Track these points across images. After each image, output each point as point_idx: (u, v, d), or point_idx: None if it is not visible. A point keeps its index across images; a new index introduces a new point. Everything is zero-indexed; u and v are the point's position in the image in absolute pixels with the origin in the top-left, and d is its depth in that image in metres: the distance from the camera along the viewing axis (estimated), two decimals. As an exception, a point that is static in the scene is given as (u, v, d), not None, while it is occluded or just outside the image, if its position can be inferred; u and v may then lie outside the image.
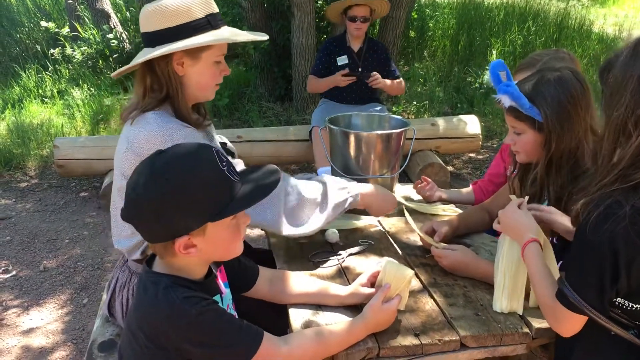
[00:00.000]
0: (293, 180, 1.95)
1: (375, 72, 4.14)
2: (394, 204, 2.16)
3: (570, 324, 1.40)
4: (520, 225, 1.61)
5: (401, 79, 4.38)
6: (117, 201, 1.94)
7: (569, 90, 1.76)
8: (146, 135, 1.77)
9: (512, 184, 2.05)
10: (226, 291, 1.56)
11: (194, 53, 1.83)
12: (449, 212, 2.36)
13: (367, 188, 2.08)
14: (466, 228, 2.13)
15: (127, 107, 1.91)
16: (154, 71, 1.84)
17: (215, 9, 1.87)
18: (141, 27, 1.88)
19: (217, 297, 1.46)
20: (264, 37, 1.97)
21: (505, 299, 1.64)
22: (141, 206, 1.28)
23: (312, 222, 1.92)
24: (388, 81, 4.24)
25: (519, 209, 1.65)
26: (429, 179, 2.47)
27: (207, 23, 1.83)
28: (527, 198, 1.71)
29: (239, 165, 1.86)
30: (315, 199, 1.93)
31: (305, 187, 1.94)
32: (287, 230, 1.89)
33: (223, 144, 2.18)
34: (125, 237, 1.93)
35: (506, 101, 1.79)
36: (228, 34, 1.87)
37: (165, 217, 1.27)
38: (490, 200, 2.23)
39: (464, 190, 2.65)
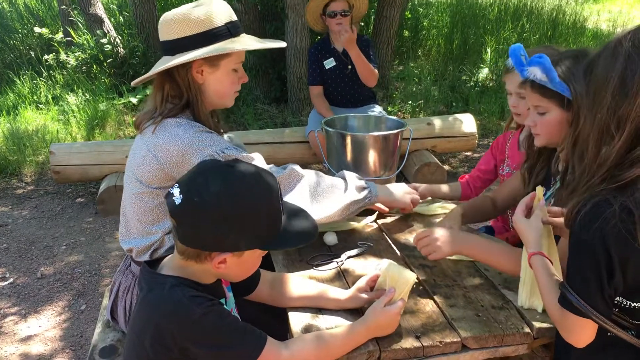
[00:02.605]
0: (319, 173, 2.00)
1: (348, 29, 3.93)
2: (412, 200, 2.17)
3: (582, 332, 1.36)
4: (523, 236, 1.60)
5: (375, 70, 4.23)
6: (129, 204, 1.94)
7: None
8: (172, 141, 1.79)
9: (522, 173, 2.06)
10: (229, 295, 1.57)
11: (213, 61, 1.85)
12: (450, 206, 2.36)
13: (383, 191, 2.10)
14: (473, 217, 2.17)
15: (142, 115, 1.92)
16: (173, 79, 1.86)
17: (234, 17, 1.90)
18: (160, 35, 1.89)
19: (222, 300, 1.47)
20: (282, 44, 1.99)
21: (526, 295, 1.64)
22: (204, 211, 1.28)
23: (334, 206, 1.93)
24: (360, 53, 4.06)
25: (524, 218, 1.62)
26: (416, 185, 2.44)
27: (227, 31, 1.85)
28: (540, 189, 1.66)
29: (259, 159, 1.86)
30: (340, 188, 1.97)
31: (331, 178, 2.00)
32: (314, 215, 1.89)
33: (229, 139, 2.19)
34: (137, 236, 1.93)
35: (537, 73, 1.73)
36: (247, 41, 1.89)
37: (223, 231, 1.30)
38: (496, 191, 2.24)
39: (452, 184, 2.65)
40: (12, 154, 5.31)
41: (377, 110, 4.39)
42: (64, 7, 7.28)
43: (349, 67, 4.23)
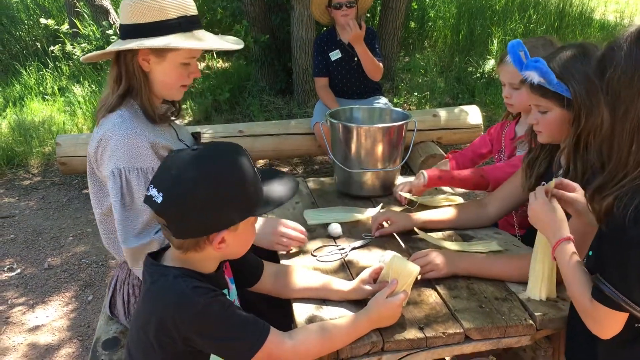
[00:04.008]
0: None
1: (356, 25, 3.94)
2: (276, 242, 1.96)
3: (612, 323, 1.36)
4: (551, 223, 1.54)
5: (380, 64, 4.20)
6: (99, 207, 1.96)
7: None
8: (101, 139, 1.82)
9: (523, 166, 2.04)
10: (232, 286, 1.58)
11: (160, 52, 1.84)
12: (455, 199, 2.37)
13: None
14: (466, 221, 2.14)
15: (100, 104, 1.93)
16: (121, 63, 1.87)
17: (191, 11, 1.86)
18: (119, 18, 1.90)
19: (224, 291, 1.49)
20: (234, 45, 1.94)
21: (545, 287, 1.63)
22: (189, 201, 1.29)
23: None
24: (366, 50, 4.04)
25: (548, 203, 1.57)
26: (405, 188, 2.37)
27: (178, 25, 1.82)
28: (552, 182, 1.62)
29: None
30: None
31: None
32: None
33: (197, 133, 2.19)
34: (105, 239, 1.97)
35: (535, 77, 1.74)
36: (192, 39, 1.84)
37: (213, 211, 1.31)
38: (490, 197, 2.20)
39: (440, 163, 2.65)
40: (19, 145, 5.34)
41: (382, 101, 4.38)
42: (69, -2, 7.28)
43: (355, 59, 4.20)
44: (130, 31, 1.83)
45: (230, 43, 1.94)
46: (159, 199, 1.30)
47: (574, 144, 1.78)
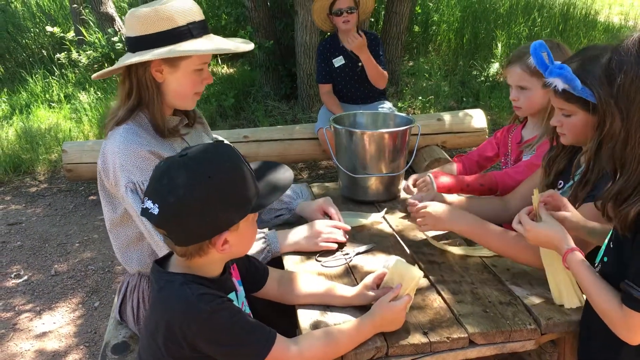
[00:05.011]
0: None
1: (357, 35, 3.91)
2: (319, 242, 1.98)
3: None
4: (551, 240, 1.56)
5: (385, 72, 4.20)
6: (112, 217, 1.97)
7: None
8: (109, 153, 1.82)
9: (543, 164, 2.04)
10: (240, 289, 1.58)
11: (172, 61, 1.82)
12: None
13: (286, 239, 1.97)
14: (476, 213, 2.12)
15: (108, 116, 1.92)
16: (132, 77, 1.85)
17: (197, 17, 1.85)
18: (126, 31, 1.89)
19: (232, 295, 1.49)
20: (245, 47, 1.93)
21: (578, 291, 1.60)
22: (185, 207, 1.29)
23: None
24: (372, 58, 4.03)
25: (539, 224, 1.58)
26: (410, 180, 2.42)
27: (188, 32, 1.81)
28: (536, 192, 1.64)
29: None
30: None
31: None
32: None
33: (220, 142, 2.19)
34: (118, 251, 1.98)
35: (559, 84, 1.72)
36: (204, 44, 1.83)
37: (211, 213, 1.31)
38: (511, 194, 2.20)
39: (445, 166, 2.66)
40: (26, 152, 5.37)
41: (387, 106, 4.38)
42: (75, 5, 7.34)
43: (359, 64, 4.19)
44: (139, 43, 1.80)
45: (241, 44, 1.93)
46: (155, 211, 1.30)
47: (596, 147, 1.77)
